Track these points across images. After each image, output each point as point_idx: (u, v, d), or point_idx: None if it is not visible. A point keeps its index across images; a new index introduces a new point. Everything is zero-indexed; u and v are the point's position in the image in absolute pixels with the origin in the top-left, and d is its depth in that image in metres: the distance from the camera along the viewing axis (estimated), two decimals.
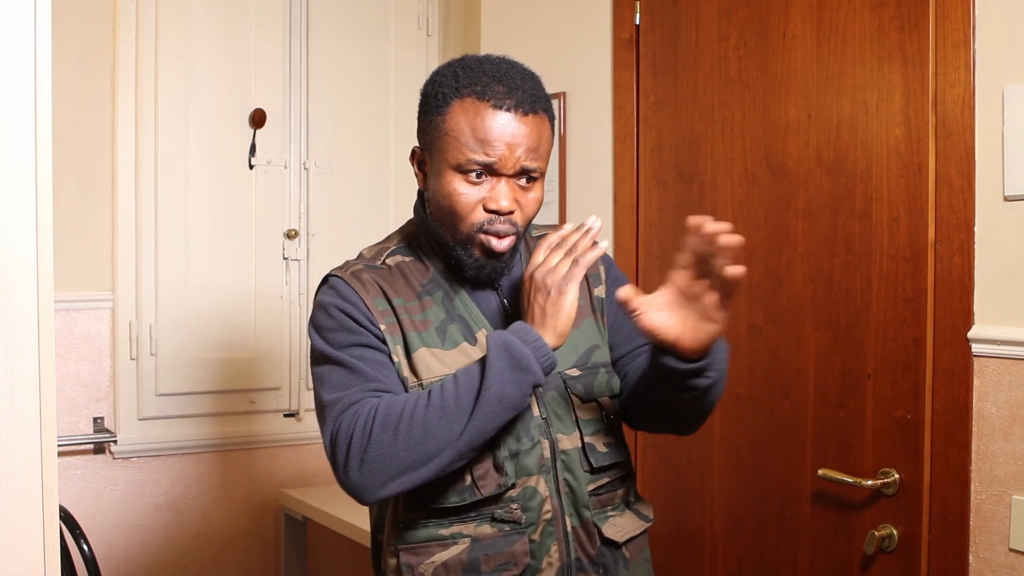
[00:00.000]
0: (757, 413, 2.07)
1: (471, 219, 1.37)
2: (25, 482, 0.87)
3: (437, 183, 1.39)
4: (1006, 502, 1.65)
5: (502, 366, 1.26)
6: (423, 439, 1.25)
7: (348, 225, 2.94)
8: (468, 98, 1.36)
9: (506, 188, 1.36)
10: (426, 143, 1.43)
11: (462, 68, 1.39)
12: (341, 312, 1.38)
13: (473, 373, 1.28)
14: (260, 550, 2.87)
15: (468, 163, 1.34)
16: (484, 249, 1.38)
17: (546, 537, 1.37)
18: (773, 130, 2.04)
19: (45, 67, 0.87)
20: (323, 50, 2.92)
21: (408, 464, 1.26)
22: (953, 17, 1.71)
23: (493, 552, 1.35)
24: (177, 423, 2.74)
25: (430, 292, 1.43)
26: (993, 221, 1.67)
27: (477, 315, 1.43)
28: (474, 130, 1.34)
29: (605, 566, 1.42)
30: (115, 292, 2.65)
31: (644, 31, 2.34)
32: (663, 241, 2.29)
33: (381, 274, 1.43)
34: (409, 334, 1.38)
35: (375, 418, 1.28)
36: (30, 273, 0.87)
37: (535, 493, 1.37)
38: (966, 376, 1.70)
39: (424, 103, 1.43)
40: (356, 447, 1.28)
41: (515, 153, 1.34)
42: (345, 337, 1.37)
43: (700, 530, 2.20)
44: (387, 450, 1.26)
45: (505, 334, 1.28)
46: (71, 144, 2.57)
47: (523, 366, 1.26)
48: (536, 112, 1.37)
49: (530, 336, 1.27)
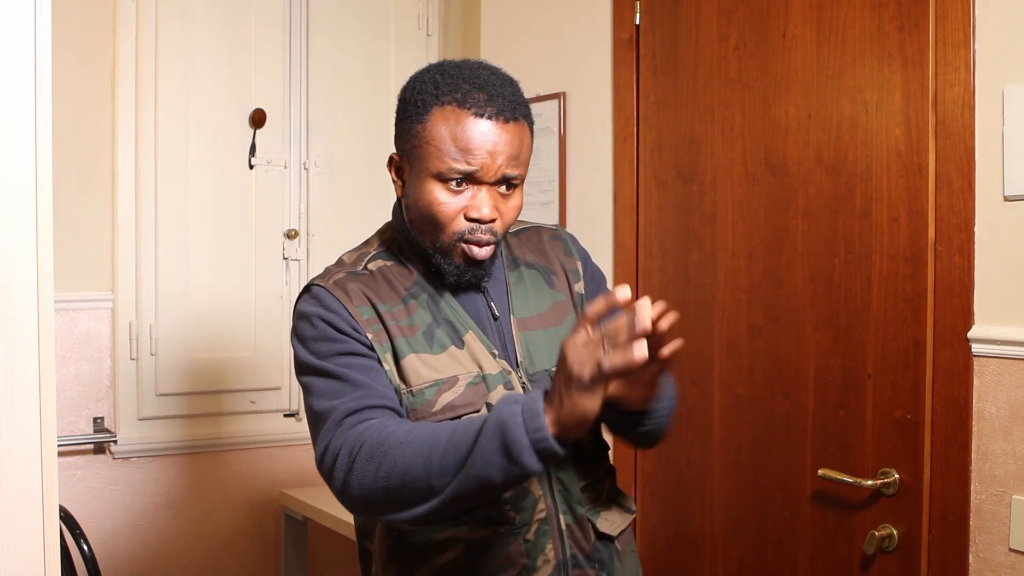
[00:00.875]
0: (757, 413, 2.07)
1: (452, 228, 1.35)
2: (25, 482, 0.87)
3: (417, 191, 1.36)
4: (1006, 502, 1.65)
5: (492, 448, 1.13)
6: (401, 485, 1.20)
7: (348, 225, 2.94)
8: (448, 106, 1.33)
9: (487, 196, 1.34)
10: (405, 150, 1.39)
11: (441, 74, 1.37)
12: (323, 322, 1.36)
13: (467, 436, 1.17)
14: (260, 550, 2.87)
15: (449, 171, 1.32)
16: (465, 257, 1.37)
17: (540, 536, 1.37)
18: (773, 130, 2.04)
19: (45, 67, 0.87)
20: (323, 50, 2.92)
21: (384, 502, 1.23)
22: (953, 17, 1.71)
23: (489, 555, 1.35)
24: (177, 423, 2.74)
25: (415, 296, 1.41)
26: (993, 221, 1.67)
27: (464, 317, 1.41)
28: (455, 138, 1.32)
29: (601, 561, 1.43)
30: (115, 292, 2.65)
31: (644, 31, 2.34)
32: (663, 241, 2.29)
33: (364, 280, 1.41)
34: (397, 340, 1.36)
35: (363, 446, 1.24)
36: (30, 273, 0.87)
37: (528, 493, 1.37)
38: (966, 376, 1.70)
39: (403, 110, 1.41)
40: (340, 468, 1.26)
41: (496, 161, 1.32)
42: (329, 347, 1.35)
43: (700, 530, 2.20)
44: (368, 482, 1.23)
45: (510, 411, 1.14)
46: (71, 144, 2.58)
47: (513, 456, 1.12)
48: (517, 119, 1.35)
49: (535, 423, 1.12)
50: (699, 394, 2.17)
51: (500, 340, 1.43)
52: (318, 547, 2.93)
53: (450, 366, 1.36)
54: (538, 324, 1.47)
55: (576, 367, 1.11)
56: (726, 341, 2.12)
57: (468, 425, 1.19)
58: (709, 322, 2.14)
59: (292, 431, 2.90)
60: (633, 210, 2.36)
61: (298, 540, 2.82)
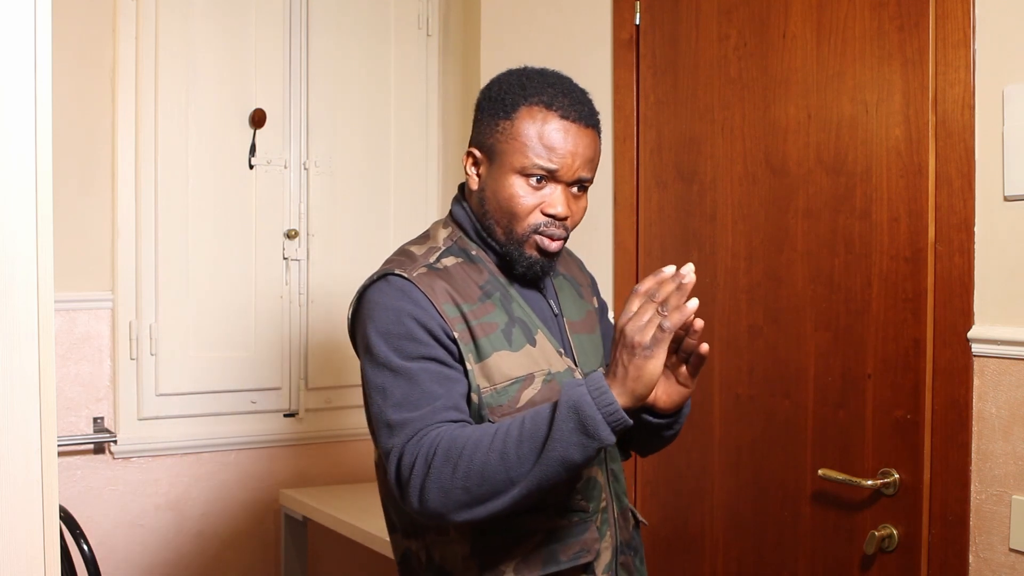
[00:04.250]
0: (757, 413, 2.07)
1: (529, 220, 1.42)
2: (25, 482, 0.87)
3: (498, 184, 1.43)
4: (1006, 502, 1.65)
5: (569, 428, 1.22)
6: (480, 482, 1.26)
7: (348, 225, 2.94)
8: (536, 106, 1.41)
9: (563, 195, 1.42)
10: (487, 145, 1.45)
11: (526, 77, 1.45)
12: (413, 320, 1.36)
13: (540, 424, 1.25)
14: (260, 550, 2.87)
15: (533, 167, 1.40)
16: (538, 248, 1.44)
17: (603, 524, 1.46)
18: (773, 130, 2.04)
19: (45, 67, 0.87)
20: (323, 50, 2.92)
21: (464, 502, 1.27)
22: (953, 17, 1.71)
23: (568, 542, 1.41)
24: (177, 423, 2.74)
25: (490, 294, 1.45)
26: (993, 221, 1.67)
27: (532, 316, 1.47)
28: (541, 136, 1.39)
29: (635, 548, 1.55)
30: (115, 292, 2.65)
31: (644, 31, 2.34)
32: (663, 241, 2.29)
33: (443, 277, 1.42)
34: (480, 339, 1.39)
35: (437, 450, 1.28)
36: (30, 273, 0.87)
37: (595, 483, 1.46)
38: (966, 376, 1.70)
39: (488, 106, 1.46)
40: (417, 475, 1.29)
41: (575, 162, 1.41)
42: (415, 348, 1.35)
43: (700, 530, 2.20)
44: (446, 483, 1.27)
45: (579, 392, 1.23)
46: (71, 144, 2.57)
47: (590, 432, 1.22)
48: (593, 126, 1.44)
49: (604, 399, 1.22)
50: (699, 394, 2.17)
51: (561, 339, 1.50)
52: (318, 547, 2.93)
53: (527, 364, 1.42)
54: (582, 328, 1.56)
55: (637, 336, 1.21)
56: (726, 341, 2.12)
57: (536, 415, 1.27)
58: (709, 322, 2.14)
59: (292, 431, 2.90)
60: (633, 210, 2.36)
61: (298, 540, 2.82)
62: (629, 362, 1.22)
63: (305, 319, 2.90)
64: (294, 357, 2.90)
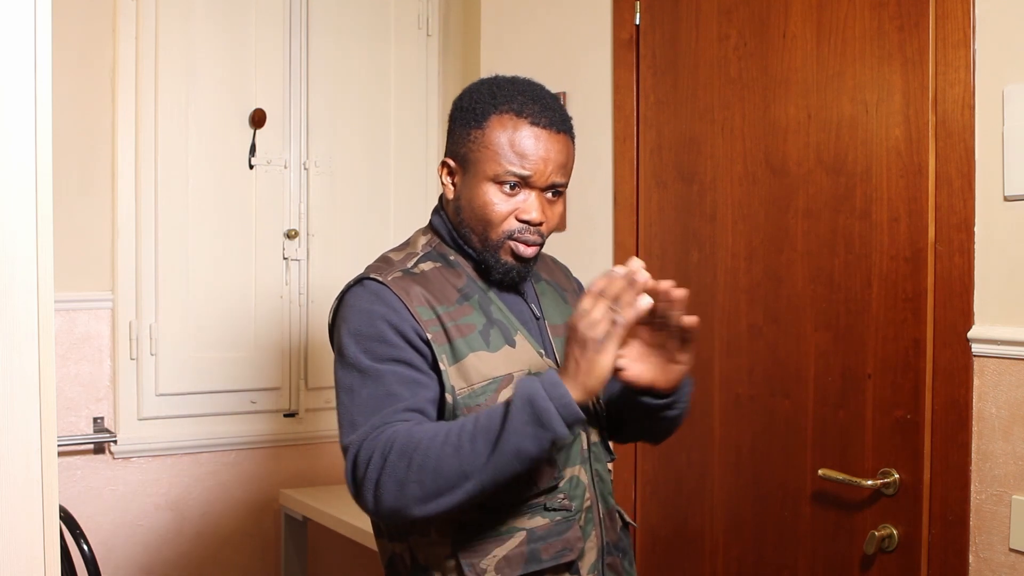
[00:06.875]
0: (757, 413, 2.07)
1: (503, 227, 1.44)
2: (25, 482, 0.87)
3: (472, 192, 1.45)
4: (1006, 502, 1.65)
5: (523, 420, 1.25)
6: (435, 476, 1.27)
7: (348, 225, 2.94)
8: (506, 114, 1.42)
9: (537, 201, 1.44)
10: (460, 155, 1.47)
11: (496, 86, 1.46)
12: (385, 322, 1.38)
13: (494, 419, 1.28)
14: (260, 550, 2.87)
15: (505, 175, 1.41)
16: (513, 254, 1.46)
17: (587, 523, 1.46)
18: (773, 130, 2.04)
19: (45, 67, 0.87)
20: (323, 50, 2.92)
21: (418, 496, 1.28)
22: (953, 17, 1.71)
23: (550, 541, 1.41)
24: (177, 423, 2.74)
25: (468, 297, 1.46)
26: (993, 221, 1.67)
27: (511, 319, 1.48)
28: (512, 143, 1.41)
29: (623, 549, 1.54)
30: (115, 292, 2.65)
31: (644, 31, 2.34)
32: (663, 241, 2.29)
33: (419, 281, 1.45)
34: (456, 341, 1.41)
35: (393, 445, 1.30)
36: (30, 273, 0.87)
37: (579, 482, 1.46)
38: (966, 376, 1.70)
39: (460, 116, 1.48)
40: (373, 470, 1.30)
41: (548, 168, 1.42)
42: (384, 350, 1.38)
43: (700, 530, 2.20)
44: (401, 477, 1.28)
45: (533, 385, 1.27)
46: (71, 144, 2.57)
47: (544, 423, 1.25)
48: (565, 131, 1.46)
49: (557, 391, 1.25)
50: (699, 394, 2.17)
51: (542, 341, 1.51)
52: (318, 547, 2.93)
53: (506, 364, 1.43)
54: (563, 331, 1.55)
55: (589, 332, 1.25)
56: (726, 341, 2.12)
57: (492, 411, 1.29)
58: (709, 322, 2.14)
59: (292, 431, 2.90)
60: (633, 210, 2.36)
61: (298, 540, 2.82)
62: (581, 356, 1.26)
63: (305, 319, 2.90)
64: (294, 357, 2.90)
